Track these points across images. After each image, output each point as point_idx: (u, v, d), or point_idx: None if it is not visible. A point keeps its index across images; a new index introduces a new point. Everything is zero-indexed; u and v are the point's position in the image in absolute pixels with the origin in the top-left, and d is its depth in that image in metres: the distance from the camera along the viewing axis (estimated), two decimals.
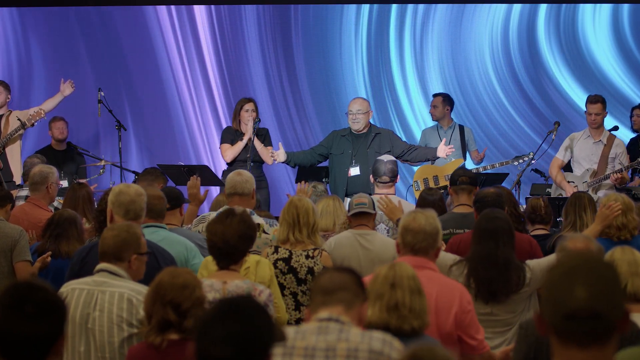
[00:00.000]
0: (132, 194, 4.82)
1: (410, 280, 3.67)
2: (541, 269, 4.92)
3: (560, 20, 10.98)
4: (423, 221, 4.33)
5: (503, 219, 4.90)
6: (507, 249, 4.82)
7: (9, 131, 9.15)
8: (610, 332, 2.13)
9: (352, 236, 5.63)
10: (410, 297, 3.64)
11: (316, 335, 3.15)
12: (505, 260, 4.81)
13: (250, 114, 8.85)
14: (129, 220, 4.74)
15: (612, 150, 8.53)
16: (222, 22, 11.19)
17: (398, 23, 11.11)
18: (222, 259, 4.32)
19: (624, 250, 4.24)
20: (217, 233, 4.30)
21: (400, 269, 3.72)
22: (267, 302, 4.21)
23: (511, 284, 4.80)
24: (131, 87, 11.19)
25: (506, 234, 4.83)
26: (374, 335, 3.19)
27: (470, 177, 6.24)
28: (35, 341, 2.40)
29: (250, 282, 4.35)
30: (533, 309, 4.96)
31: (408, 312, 3.63)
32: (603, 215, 5.42)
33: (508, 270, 4.81)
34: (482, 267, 4.79)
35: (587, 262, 2.16)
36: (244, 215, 4.37)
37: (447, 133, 9.82)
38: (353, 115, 8.66)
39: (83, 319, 4.13)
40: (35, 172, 6.98)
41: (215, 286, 4.23)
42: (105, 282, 4.17)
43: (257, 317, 2.43)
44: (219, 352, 2.36)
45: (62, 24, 11.21)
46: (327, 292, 3.23)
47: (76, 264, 4.75)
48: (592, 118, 8.54)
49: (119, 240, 4.21)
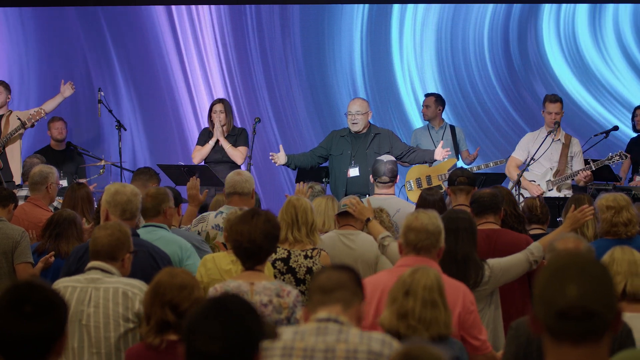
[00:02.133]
0: (129, 194, 4.82)
1: (425, 290, 3.67)
2: (501, 267, 4.95)
3: (560, 19, 10.99)
4: (426, 220, 4.35)
5: (465, 218, 4.91)
6: (467, 246, 4.84)
7: (9, 131, 9.15)
8: (602, 331, 2.14)
9: (335, 236, 5.67)
10: (422, 308, 3.65)
11: (315, 336, 3.14)
12: (464, 256, 4.83)
13: (219, 114, 8.93)
14: (125, 220, 4.75)
15: (570, 149, 8.60)
16: (222, 22, 11.19)
17: (398, 23, 11.11)
18: (248, 260, 4.27)
19: (624, 250, 4.25)
20: (243, 233, 4.23)
21: (420, 276, 3.72)
22: (295, 302, 4.19)
23: (469, 280, 4.81)
24: (131, 87, 11.20)
25: (467, 232, 4.85)
26: (373, 336, 3.19)
27: (469, 177, 6.25)
28: (35, 341, 2.40)
29: (277, 282, 4.32)
30: (494, 305, 4.98)
31: (417, 323, 3.64)
32: (574, 218, 5.43)
33: (466, 267, 4.84)
34: (441, 263, 4.81)
35: (578, 261, 2.17)
36: (268, 215, 4.34)
37: (438, 133, 9.82)
38: (352, 116, 8.65)
39: (76, 315, 4.14)
40: (35, 172, 6.99)
41: (242, 287, 4.18)
42: (98, 279, 4.19)
43: (246, 315, 2.44)
44: (208, 349, 2.37)
45: (62, 24, 11.22)
46: (325, 291, 3.22)
47: (73, 263, 4.76)
48: (552, 117, 8.60)
49: (113, 240, 4.22)
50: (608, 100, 10.90)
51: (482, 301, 4.93)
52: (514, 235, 5.50)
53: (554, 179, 8.60)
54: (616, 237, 5.50)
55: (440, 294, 3.73)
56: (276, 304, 4.15)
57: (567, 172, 8.60)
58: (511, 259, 5.04)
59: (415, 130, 10.13)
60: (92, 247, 4.26)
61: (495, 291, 5.02)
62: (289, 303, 4.18)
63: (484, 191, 5.60)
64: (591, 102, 10.92)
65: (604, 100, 10.91)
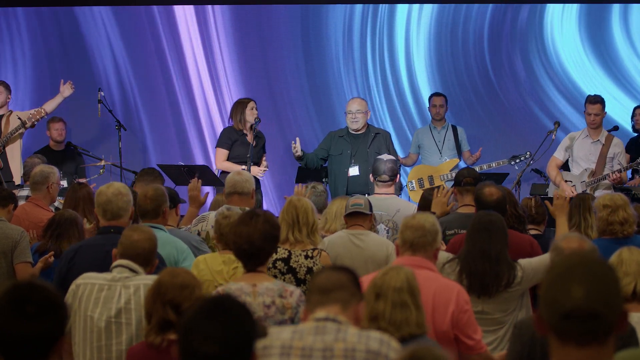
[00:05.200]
0: (109, 194, 4.80)
1: (395, 292, 3.68)
2: (532, 267, 4.95)
3: (562, 19, 10.98)
4: (423, 219, 4.37)
5: (497, 219, 4.92)
6: (500, 245, 4.84)
7: (9, 131, 9.15)
8: (608, 332, 2.14)
9: (345, 236, 5.66)
10: (392, 310, 3.66)
11: (313, 335, 3.14)
12: (497, 254, 4.83)
13: (254, 112, 8.89)
14: (108, 220, 4.74)
15: (610, 149, 8.57)
16: (222, 22, 11.19)
17: (397, 23, 11.11)
18: (248, 261, 4.25)
19: (632, 251, 4.26)
20: (242, 235, 4.22)
21: (390, 278, 3.72)
22: (298, 302, 4.18)
23: (502, 278, 4.82)
24: (131, 87, 11.19)
25: (499, 231, 4.86)
26: (372, 335, 3.19)
27: (475, 177, 6.23)
28: (35, 341, 2.40)
29: (280, 283, 4.31)
30: (525, 308, 4.97)
31: (387, 325, 3.65)
32: (559, 206, 5.46)
33: (499, 265, 4.83)
34: (474, 261, 4.81)
35: (584, 262, 2.17)
36: (267, 215, 4.33)
37: (440, 133, 9.85)
38: (352, 115, 8.67)
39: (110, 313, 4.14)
40: (37, 172, 6.99)
41: (245, 289, 4.17)
42: (127, 277, 4.20)
43: (242, 315, 2.44)
44: (206, 350, 2.37)
45: (62, 24, 11.21)
46: (323, 291, 3.23)
47: (64, 266, 4.76)
48: (591, 118, 8.59)
49: (152, 245, 4.26)
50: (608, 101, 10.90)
51: (513, 303, 4.92)
52: (517, 235, 5.49)
53: (588, 180, 8.57)
54: (612, 236, 5.50)
55: (411, 293, 3.71)
56: (279, 304, 4.15)
57: (603, 173, 8.56)
58: (540, 259, 5.02)
59: (418, 130, 10.16)
60: (131, 250, 4.22)
61: (526, 293, 5.00)
62: (292, 303, 4.18)
63: (489, 196, 5.50)
64: None
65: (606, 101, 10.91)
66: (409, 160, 10.05)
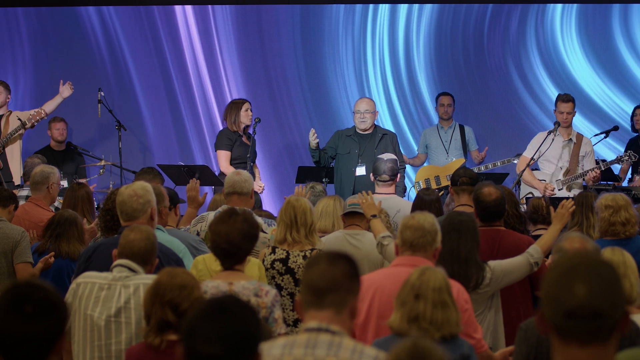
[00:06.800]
0: (125, 195, 4.79)
1: (435, 292, 3.69)
2: (502, 269, 4.93)
3: (562, 19, 10.98)
4: (422, 219, 4.36)
5: (468, 219, 4.91)
6: (470, 246, 4.83)
7: (9, 131, 9.15)
8: (610, 331, 2.14)
9: (342, 235, 5.66)
10: (433, 310, 3.68)
11: (304, 349, 2.97)
12: (467, 255, 4.82)
13: (248, 114, 8.88)
14: (125, 221, 4.74)
15: (582, 148, 8.62)
16: (222, 22, 11.18)
17: (398, 23, 11.10)
18: (226, 260, 4.28)
19: (614, 251, 4.20)
20: (220, 233, 4.26)
21: (428, 278, 3.73)
22: (273, 302, 4.19)
23: (470, 279, 4.80)
24: (131, 87, 11.19)
25: (469, 232, 4.84)
26: (365, 351, 3.00)
27: (471, 177, 6.20)
28: (35, 341, 2.39)
29: (256, 282, 4.32)
30: (494, 309, 4.96)
31: (428, 325, 3.66)
32: (560, 215, 5.43)
33: (468, 266, 4.82)
34: (443, 262, 4.79)
35: (586, 261, 2.16)
36: (246, 214, 4.35)
37: (447, 133, 9.86)
38: (361, 115, 8.69)
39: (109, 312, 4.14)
40: (37, 172, 6.99)
41: (221, 287, 4.20)
42: (127, 276, 4.20)
43: (246, 316, 2.43)
44: (210, 351, 2.35)
45: (62, 24, 11.21)
46: (317, 293, 3.04)
47: (82, 264, 4.76)
48: (563, 117, 8.65)
49: (149, 244, 4.24)
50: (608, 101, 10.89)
51: (482, 304, 4.92)
52: (517, 236, 5.47)
53: (563, 178, 8.59)
54: (615, 236, 5.48)
55: (449, 293, 3.75)
56: (254, 303, 4.15)
57: (577, 171, 8.59)
58: (512, 261, 5.02)
59: (425, 130, 10.18)
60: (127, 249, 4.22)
61: (496, 294, 5.00)
62: (267, 303, 4.19)
63: (488, 195, 5.45)
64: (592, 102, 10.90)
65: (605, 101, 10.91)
66: (417, 160, 10.07)
